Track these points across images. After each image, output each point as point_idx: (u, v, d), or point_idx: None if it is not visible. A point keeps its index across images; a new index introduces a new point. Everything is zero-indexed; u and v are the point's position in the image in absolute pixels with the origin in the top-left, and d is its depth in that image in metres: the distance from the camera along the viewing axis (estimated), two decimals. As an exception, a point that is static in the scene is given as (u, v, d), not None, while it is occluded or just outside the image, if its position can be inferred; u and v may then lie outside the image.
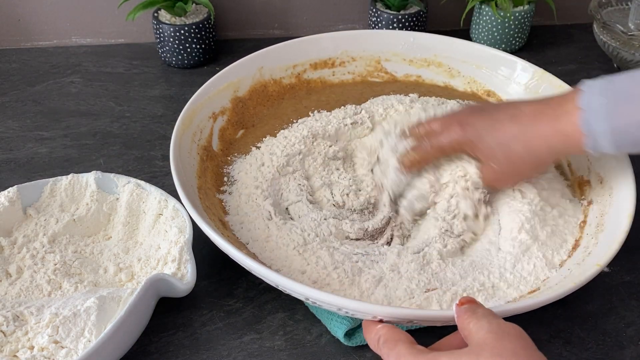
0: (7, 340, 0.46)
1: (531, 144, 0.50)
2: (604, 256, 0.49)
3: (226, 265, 0.56)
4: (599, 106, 0.46)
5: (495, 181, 0.54)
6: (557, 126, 0.48)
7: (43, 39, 0.92)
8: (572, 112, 0.47)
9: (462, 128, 0.53)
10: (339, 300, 0.43)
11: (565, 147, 0.49)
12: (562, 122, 0.48)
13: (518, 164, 0.51)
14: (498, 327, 0.37)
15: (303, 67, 0.74)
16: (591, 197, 0.59)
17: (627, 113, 0.45)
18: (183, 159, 0.58)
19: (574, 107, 0.47)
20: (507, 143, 0.51)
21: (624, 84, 0.47)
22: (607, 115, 0.46)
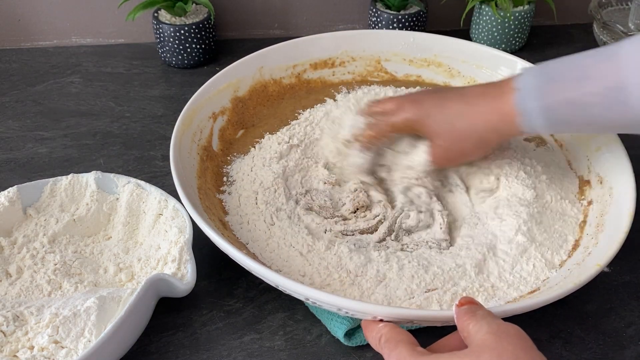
0: (7, 340, 0.46)
1: (473, 121, 0.52)
2: (604, 256, 0.49)
3: (226, 265, 0.56)
4: (532, 86, 0.49)
5: (442, 159, 0.56)
6: (496, 105, 0.51)
7: (43, 39, 0.92)
8: (509, 92, 0.50)
9: (413, 106, 0.56)
10: (339, 300, 0.43)
11: (503, 125, 0.51)
12: (500, 101, 0.51)
13: (462, 141, 0.54)
14: (498, 328, 0.37)
15: (303, 67, 0.74)
16: (591, 197, 0.59)
17: (555, 91, 0.48)
18: (183, 159, 0.58)
19: (511, 87, 0.50)
20: (452, 120, 0.53)
21: (556, 66, 0.49)
22: (539, 94, 0.49)
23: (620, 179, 0.56)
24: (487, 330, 0.37)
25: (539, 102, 0.49)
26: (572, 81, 0.48)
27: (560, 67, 0.49)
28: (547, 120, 0.49)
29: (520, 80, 0.50)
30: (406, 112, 0.56)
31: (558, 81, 0.48)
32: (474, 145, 0.54)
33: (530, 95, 0.49)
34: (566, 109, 0.48)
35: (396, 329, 0.42)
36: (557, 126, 0.50)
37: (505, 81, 0.52)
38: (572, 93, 0.47)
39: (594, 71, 0.47)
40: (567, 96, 0.48)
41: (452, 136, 0.54)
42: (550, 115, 0.49)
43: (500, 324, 0.38)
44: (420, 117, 0.55)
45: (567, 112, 0.48)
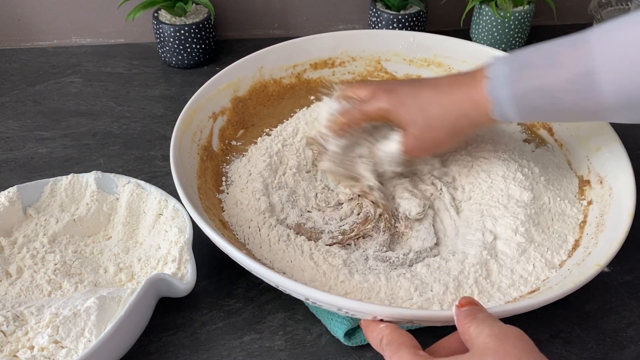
0: (7, 340, 0.46)
1: (446, 109, 0.52)
2: (604, 256, 0.49)
3: (226, 265, 0.56)
4: (503, 74, 0.49)
5: (415, 149, 0.55)
6: (468, 93, 0.51)
7: (43, 39, 0.92)
8: (481, 80, 0.51)
9: (387, 95, 0.55)
10: (339, 300, 0.43)
11: (475, 113, 0.51)
12: (472, 89, 0.51)
13: (435, 129, 0.53)
14: (499, 331, 0.37)
15: (303, 67, 0.74)
16: (591, 197, 0.59)
17: (525, 79, 0.48)
18: (183, 159, 0.58)
19: (483, 76, 0.51)
20: (426, 108, 0.53)
21: (527, 54, 0.50)
22: (509, 82, 0.49)
23: (620, 179, 0.56)
24: (489, 333, 0.37)
25: (509, 89, 0.49)
26: (542, 68, 0.47)
27: (530, 55, 0.49)
28: (517, 108, 0.49)
29: (491, 68, 0.50)
30: (379, 101, 0.55)
31: (528, 69, 0.48)
32: (447, 134, 0.53)
33: (501, 83, 0.49)
34: (536, 96, 0.48)
35: (398, 331, 0.42)
36: (528, 114, 0.50)
37: (478, 70, 0.52)
38: (541, 80, 0.47)
39: (563, 58, 0.47)
40: (536, 83, 0.48)
41: (425, 124, 0.53)
42: (521, 103, 0.49)
43: (502, 326, 0.38)
44: (393, 105, 0.54)
45: (537, 99, 0.48)
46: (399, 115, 0.54)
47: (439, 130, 0.53)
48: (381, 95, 0.55)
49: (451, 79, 0.54)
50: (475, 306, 0.40)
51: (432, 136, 0.54)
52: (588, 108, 0.47)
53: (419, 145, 0.55)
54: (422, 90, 0.54)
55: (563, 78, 0.46)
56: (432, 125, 0.53)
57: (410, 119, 0.54)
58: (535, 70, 0.48)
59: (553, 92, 0.47)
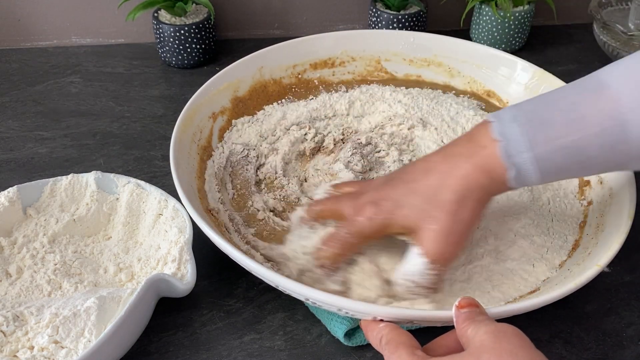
0: (7, 340, 0.46)
1: (458, 188, 0.44)
2: (604, 256, 0.49)
3: (226, 265, 0.56)
4: (517, 135, 0.43)
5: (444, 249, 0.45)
6: (476, 163, 0.44)
7: (43, 39, 0.92)
8: (489, 145, 0.44)
9: (376, 206, 0.46)
10: (339, 300, 0.43)
11: (491, 183, 0.44)
12: (480, 157, 0.44)
13: (457, 213, 0.44)
14: (495, 328, 0.37)
15: (303, 67, 0.74)
16: (591, 197, 0.59)
17: (547, 139, 0.43)
18: (183, 159, 0.58)
19: (490, 139, 0.44)
20: (433, 195, 0.45)
21: (538, 109, 0.44)
22: (528, 144, 0.43)
23: (620, 179, 0.56)
24: (485, 330, 0.37)
25: (529, 152, 0.43)
26: (565, 124, 0.42)
27: (544, 109, 0.44)
28: (540, 172, 0.43)
29: (496, 129, 0.44)
30: (369, 215, 0.46)
31: (547, 126, 0.43)
32: (473, 209, 0.45)
33: (518, 146, 0.43)
34: (561, 156, 0.43)
35: (397, 330, 0.42)
36: (551, 176, 0.44)
37: (476, 134, 0.45)
38: (567, 138, 0.42)
39: (586, 110, 0.42)
40: (561, 143, 0.42)
41: (446, 213, 0.44)
42: (544, 166, 0.43)
43: (498, 325, 0.38)
44: (389, 213, 0.46)
45: (563, 159, 0.43)
46: (402, 219, 0.45)
47: (459, 210, 0.44)
48: (368, 210, 0.46)
49: (443, 155, 0.47)
50: (475, 308, 0.40)
51: (454, 220, 0.44)
52: (617, 160, 0.43)
53: (446, 241, 0.44)
54: (417, 183, 0.46)
55: (591, 133, 0.42)
56: (452, 211, 0.44)
57: (422, 216, 0.45)
58: (557, 127, 0.42)
59: (580, 149, 0.42)
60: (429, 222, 0.45)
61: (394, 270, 0.47)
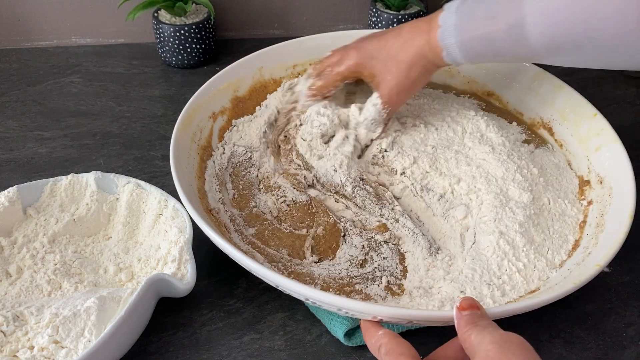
0: (7, 340, 0.46)
1: (412, 53, 0.58)
2: (604, 256, 0.49)
3: (226, 265, 0.56)
4: (450, 24, 0.55)
5: (394, 94, 0.60)
6: (426, 39, 0.57)
7: (43, 39, 0.92)
8: (435, 29, 0.56)
9: (356, 52, 0.61)
10: (339, 300, 0.43)
11: (433, 56, 0.57)
12: (429, 35, 0.56)
13: (409, 69, 0.58)
14: (500, 338, 0.37)
15: (303, 67, 0.74)
16: (591, 197, 0.59)
17: (469, 29, 0.54)
18: (183, 159, 0.58)
19: (436, 24, 0.56)
20: (395, 55, 0.59)
21: (471, 5, 0.54)
22: (454, 31, 0.54)
23: (620, 179, 0.56)
24: (490, 340, 0.37)
25: (455, 38, 0.54)
26: (482, 19, 0.53)
27: (474, 5, 0.54)
28: (463, 54, 0.55)
29: (442, 16, 0.56)
30: (350, 59, 0.61)
31: (470, 19, 0.54)
32: (420, 74, 0.59)
33: (449, 32, 0.55)
34: (478, 44, 0.54)
35: (397, 340, 0.41)
36: (473, 59, 0.56)
37: (434, 17, 0.57)
38: (482, 30, 0.53)
39: (500, 9, 0.52)
40: (477, 33, 0.53)
41: (399, 68, 0.58)
42: (466, 49, 0.55)
43: (503, 333, 0.37)
44: (363, 59, 0.60)
45: (480, 47, 0.54)
46: (371, 67, 0.60)
47: (412, 69, 0.58)
48: (351, 54, 0.61)
49: (412, 27, 0.59)
50: (476, 310, 0.40)
51: (406, 78, 0.59)
52: (522, 54, 0.53)
53: (397, 89, 0.59)
54: (387, 41, 0.59)
55: (500, 29, 0.52)
56: (404, 69, 0.58)
57: (383, 69, 0.59)
58: (477, 21, 0.53)
59: (492, 40, 0.53)
60: (387, 74, 0.59)
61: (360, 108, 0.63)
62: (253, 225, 0.58)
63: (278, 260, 0.54)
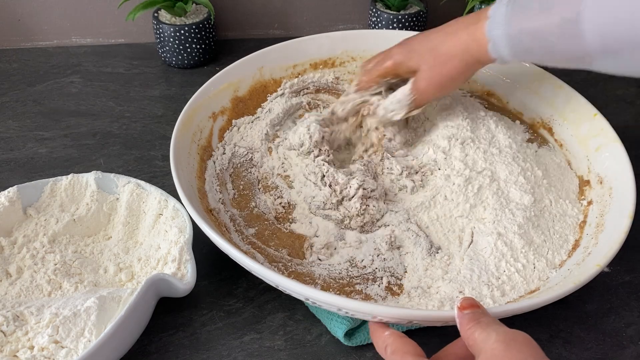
0: (7, 340, 0.46)
1: (453, 46, 0.56)
2: (604, 256, 0.49)
3: (226, 265, 0.56)
4: (501, 14, 0.52)
5: (425, 87, 0.58)
6: (472, 31, 0.54)
7: (43, 39, 0.92)
8: (483, 20, 0.54)
9: (399, 48, 0.60)
10: (339, 300, 0.43)
11: (478, 50, 0.54)
12: (475, 27, 0.54)
13: (446, 63, 0.56)
14: (506, 336, 0.36)
15: (303, 67, 0.74)
16: (591, 197, 0.59)
17: (520, 21, 0.51)
18: (183, 159, 0.58)
19: (485, 15, 0.54)
20: (435, 48, 0.57)
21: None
22: (504, 23, 0.52)
23: (620, 179, 0.56)
24: (496, 338, 0.36)
25: (504, 30, 0.52)
26: (535, 12, 0.50)
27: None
28: (510, 48, 0.52)
29: (493, 8, 0.53)
30: (392, 55, 0.60)
31: (523, 11, 0.51)
32: (457, 69, 0.56)
33: (498, 23, 0.52)
34: (528, 37, 0.51)
35: (402, 339, 0.41)
36: (520, 54, 0.53)
37: (484, 9, 0.55)
38: (534, 23, 0.50)
39: (557, 2, 0.48)
40: (528, 26, 0.50)
41: (436, 61, 0.57)
42: (514, 44, 0.52)
43: (508, 331, 0.37)
44: (405, 54, 0.59)
45: (529, 41, 0.51)
46: (410, 60, 0.58)
47: (449, 63, 0.56)
48: (394, 50, 0.60)
49: (459, 21, 0.57)
50: (477, 309, 0.40)
51: (441, 71, 0.57)
52: (574, 53, 0.49)
53: (430, 79, 0.57)
54: (432, 35, 0.58)
55: (553, 22, 0.48)
56: (441, 61, 0.56)
57: (420, 59, 0.58)
58: (530, 13, 0.50)
59: (543, 34, 0.50)
60: (423, 64, 0.58)
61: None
62: (253, 226, 0.58)
63: (278, 260, 0.54)
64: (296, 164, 0.62)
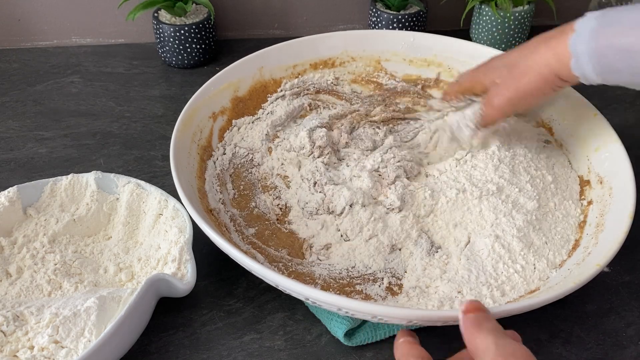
0: (7, 340, 0.46)
1: (531, 60, 0.52)
2: (604, 256, 0.49)
3: (226, 265, 0.56)
4: (588, 28, 0.47)
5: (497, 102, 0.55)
6: (553, 45, 0.51)
7: (43, 39, 0.92)
8: (568, 33, 0.49)
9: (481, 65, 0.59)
10: (339, 300, 0.43)
11: (558, 65, 0.50)
12: (559, 41, 0.50)
13: (521, 76, 0.53)
14: (505, 350, 0.36)
15: (303, 67, 0.74)
16: (591, 197, 0.59)
17: (607, 36, 0.46)
18: (183, 159, 0.58)
19: (571, 29, 0.49)
20: (513, 63, 0.54)
21: (619, 12, 0.47)
22: (590, 37, 0.47)
23: (620, 179, 0.56)
24: (495, 352, 0.36)
25: (590, 44, 0.47)
26: (628, 27, 0.45)
27: (622, 13, 0.47)
28: (594, 64, 0.47)
29: (580, 21, 0.49)
30: (472, 72, 0.59)
31: (613, 26, 0.46)
32: (533, 83, 0.52)
33: (584, 37, 0.47)
34: (615, 55, 0.46)
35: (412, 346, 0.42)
36: (606, 73, 0.48)
37: (570, 23, 0.50)
38: (623, 39, 0.45)
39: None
40: (617, 42, 0.45)
41: (512, 73, 0.53)
42: (598, 59, 0.47)
43: (508, 345, 0.37)
44: (482, 71, 0.57)
45: (616, 58, 0.46)
46: (486, 77, 0.57)
47: (522, 79, 0.53)
48: (476, 67, 0.59)
49: (540, 36, 0.54)
50: (481, 313, 0.39)
51: (515, 86, 0.53)
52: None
53: (502, 94, 0.54)
54: (513, 52, 0.55)
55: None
56: (516, 76, 0.53)
57: (494, 74, 0.55)
58: (621, 27, 0.46)
59: (634, 53, 0.45)
60: (497, 78, 0.55)
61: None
62: (253, 225, 0.58)
63: (278, 260, 0.54)
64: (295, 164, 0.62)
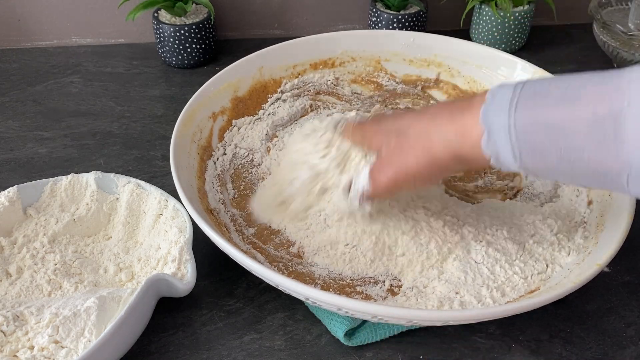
0: (7, 340, 0.46)
1: (425, 132, 0.43)
2: (604, 256, 0.49)
3: (226, 265, 0.56)
4: (504, 99, 0.38)
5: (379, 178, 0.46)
6: (459, 119, 0.41)
7: (43, 39, 0.92)
8: (479, 104, 0.40)
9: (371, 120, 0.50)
10: (339, 300, 0.43)
11: (460, 142, 0.41)
12: (466, 114, 0.40)
13: (406, 156, 0.44)
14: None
15: (303, 67, 0.74)
16: (591, 197, 0.59)
17: (532, 108, 0.37)
18: (183, 159, 0.58)
19: (481, 99, 0.40)
20: (403, 130, 0.44)
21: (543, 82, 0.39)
22: (509, 107, 0.38)
23: (620, 179, 0.56)
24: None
25: (507, 118, 0.37)
26: (557, 100, 0.37)
27: (548, 83, 0.38)
28: (513, 144, 0.38)
29: (492, 91, 0.40)
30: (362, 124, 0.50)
31: (538, 97, 0.37)
32: (422, 166, 0.43)
33: (500, 108, 0.38)
34: (541, 133, 0.37)
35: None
36: (528, 156, 0.38)
37: (478, 94, 0.42)
38: (552, 114, 0.36)
39: (587, 92, 0.36)
40: (544, 117, 0.37)
41: (400, 146, 0.44)
42: (518, 137, 0.37)
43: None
44: (373, 129, 0.48)
45: (542, 138, 0.37)
46: (373, 141, 0.47)
47: (409, 158, 0.43)
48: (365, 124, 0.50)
49: (444, 104, 0.46)
50: None
51: (399, 164, 0.44)
52: (605, 163, 0.35)
53: (385, 175, 0.45)
54: (406, 115, 0.46)
55: (581, 117, 0.35)
56: (403, 151, 0.44)
57: (383, 142, 0.46)
58: (548, 100, 0.37)
59: (565, 131, 0.36)
60: (384, 146, 0.46)
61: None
62: (253, 225, 0.58)
63: (278, 260, 0.54)
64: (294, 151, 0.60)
